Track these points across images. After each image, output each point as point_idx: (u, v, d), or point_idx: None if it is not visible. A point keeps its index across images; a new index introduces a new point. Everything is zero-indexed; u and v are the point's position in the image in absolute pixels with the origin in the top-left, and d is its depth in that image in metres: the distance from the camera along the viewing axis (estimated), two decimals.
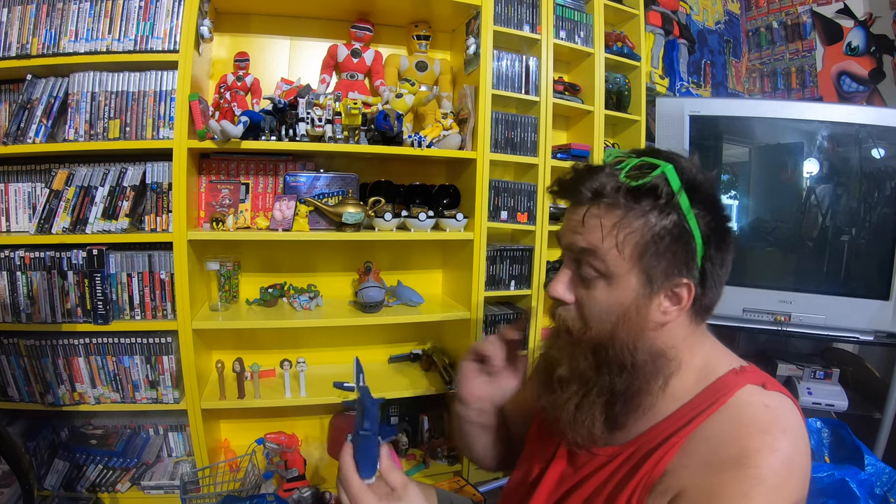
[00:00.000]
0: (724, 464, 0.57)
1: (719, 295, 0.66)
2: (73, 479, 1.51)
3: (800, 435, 0.60)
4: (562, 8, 1.86)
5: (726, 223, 0.64)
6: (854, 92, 2.23)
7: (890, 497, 1.24)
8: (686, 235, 0.61)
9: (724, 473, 0.57)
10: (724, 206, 0.65)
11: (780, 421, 0.60)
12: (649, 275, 0.61)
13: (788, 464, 0.57)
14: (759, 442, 0.58)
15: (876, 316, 1.58)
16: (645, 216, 0.61)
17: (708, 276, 0.63)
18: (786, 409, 0.62)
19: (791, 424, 0.60)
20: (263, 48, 1.76)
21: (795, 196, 1.73)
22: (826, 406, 1.65)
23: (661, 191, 0.60)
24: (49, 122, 1.46)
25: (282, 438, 1.65)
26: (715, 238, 0.62)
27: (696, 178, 0.62)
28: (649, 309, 0.62)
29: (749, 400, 0.61)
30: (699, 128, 1.70)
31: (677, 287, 0.62)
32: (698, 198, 0.61)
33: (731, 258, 0.65)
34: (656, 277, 0.61)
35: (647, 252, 0.61)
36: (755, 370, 0.67)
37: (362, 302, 1.66)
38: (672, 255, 0.61)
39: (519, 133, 1.79)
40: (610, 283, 0.63)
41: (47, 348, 1.46)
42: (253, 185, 1.70)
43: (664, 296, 0.63)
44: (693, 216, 0.60)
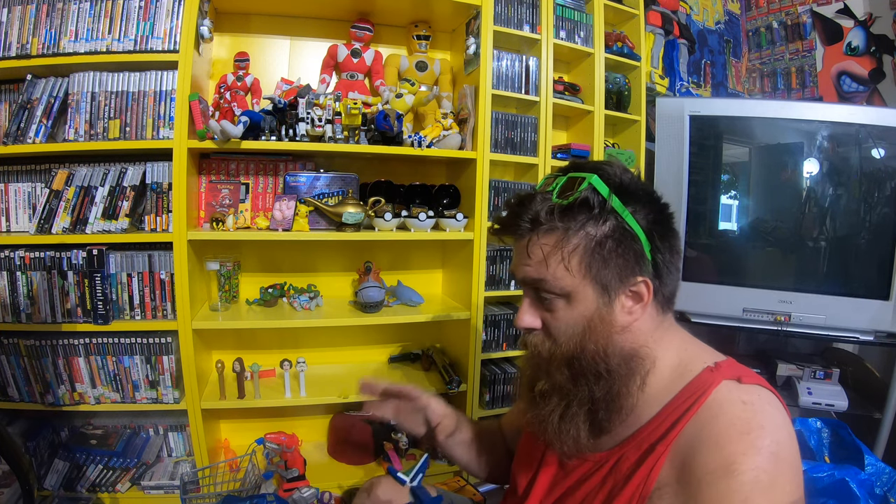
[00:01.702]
0: (715, 474, 0.58)
1: (677, 281, 0.68)
2: (73, 479, 1.51)
3: (780, 425, 0.61)
4: (562, 8, 1.86)
5: (664, 211, 0.67)
6: (854, 92, 2.23)
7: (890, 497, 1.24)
8: (628, 236, 0.63)
9: (719, 484, 0.57)
10: (656, 196, 0.67)
11: (757, 416, 0.60)
12: (603, 283, 0.64)
13: (775, 459, 0.58)
14: (742, 444, 0.58)
15: (876, 316, 1.58)
16: (583, 229, 0.63)
17: (661, 267, 0.65)
18: (763, 401, 0.62)
19: (769, 417, 0.61)
20: (263, 48, 1.76)
21: (795, 196, 1.73)
22: (826, 406, 1.65)
23: (592, 201, 0.63)
24: (49, 122, 1.46)
25: (282, 438, 1.65)
26: (657, 229, 0.64)
27: (623, 179, 0.64)
28: (612, 314, 0.65)
29: (726, 398, 0.62)
30: (699, 128, 1.70)
31: (635, 286, 0.64)
32: (630, 197, 0.63)
33: (679, 242, 0.67)
34: (611, 283, 0.64)
35: (595, 262, 0.63)
36: (730, 364, 0.67)
37: (362, 302, 1.66)
38: (620, 258, 0.63)
39: (519, 133, 1.79)
40: (569, 301, 0.65)
41: (47, 348, 1.46)
42: (253, 185, 1.70)
43: (625, 297, 0.65)
44: (630, 215, 0.63)
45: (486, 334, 1.77)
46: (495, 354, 1.81)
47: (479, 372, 1.76)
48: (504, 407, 1.81)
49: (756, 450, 0.58)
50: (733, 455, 0.58)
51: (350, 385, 1.68)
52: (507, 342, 1.82)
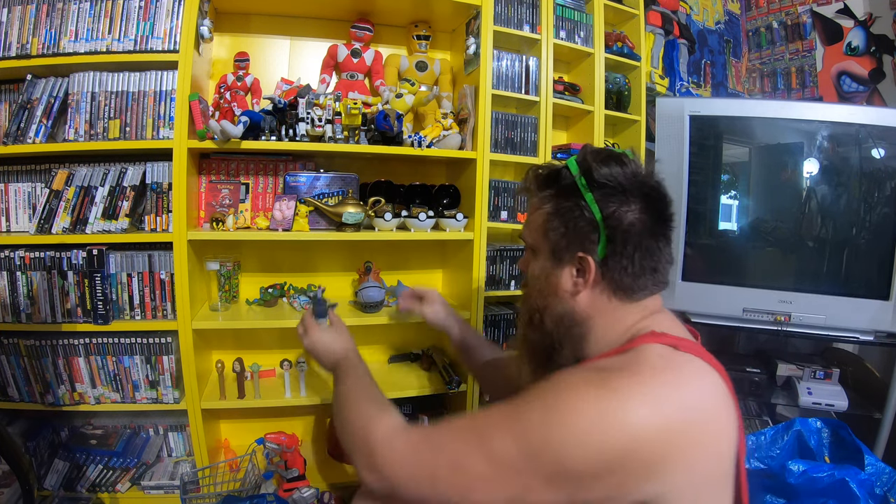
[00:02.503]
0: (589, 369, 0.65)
1: (637, 278, 0.70)
2: (73, 479, 1.51)
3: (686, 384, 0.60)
4: (562, 8, 1.86)
5: (647, 212, 0.70)
6: (854, 92, 2.23)
7: (890, 497, 1.24)
8: (584, 215, 0.70)
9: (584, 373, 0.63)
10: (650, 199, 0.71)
11: (658, 363, 0.62)
12: (554, 248, 0.73)
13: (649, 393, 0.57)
14: (624, 365, 0.62)
15: (876, 316, 1.58)
16: (551, 199, 0.74)
17: (613, 256, 0.69)
18: (687, 366, 0.63)
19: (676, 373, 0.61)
20: (263, 48, 1.76)
21: (795, 196, 1.73)
22: (826, 406, 1.65)
23: (562, 177, 0.74)
24: (49, 122, 1.46)
25: (282, 438, 1.65)
26: (622, 223, 0.69)
27: (599, 170, 0.70)
28: (559, 277, 0.73)
29: (646, 348, 0.65)
30: (699, 128, 1.70)
31: (580, 261, 0.71)
32: (602, 187, 0.70)
33: (654, 245, 0.71)
34: (560, 250, 0.73)
35: (552, 227, 0.73)
36: (678, 338, 0.67)
37: (362, 302, 1.66)
38: (571, 232, 0.71)
39: (519, 133, 1.79)
40: (534, 255, 0.78)
41: (47, 348, 1.46)
42: (253, 185, 1.70)
43: (575, 269, 0.72)
44: (592, 199, 0.70)
45: (486, 334, 1.77)
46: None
47: None
48: None
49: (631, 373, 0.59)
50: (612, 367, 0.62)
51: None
52: (508, 342, 1.82)
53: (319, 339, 1.03)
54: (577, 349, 0.73)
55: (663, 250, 0.71)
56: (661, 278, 0.72)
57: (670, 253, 0.73)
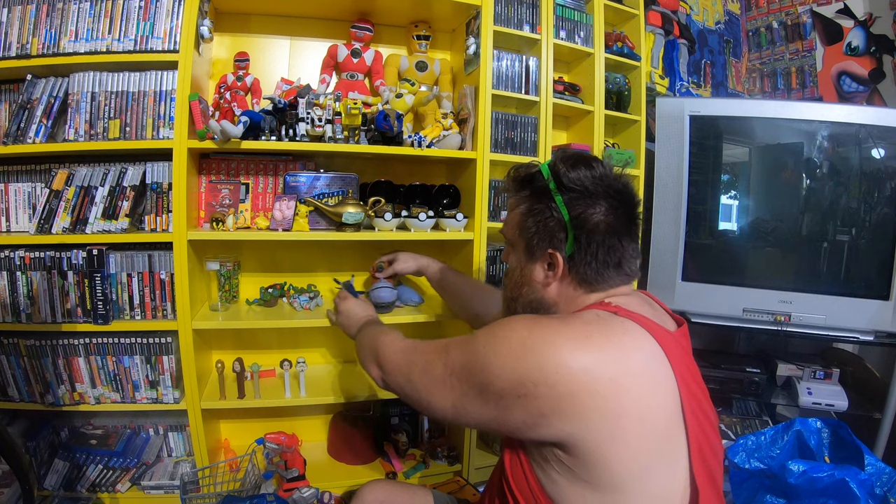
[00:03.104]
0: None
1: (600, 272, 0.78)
2: (73, 479, 1.51)
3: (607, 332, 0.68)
4: (562, 8, 1.86)
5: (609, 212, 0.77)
6: (854, 92, 2.23)
7: (890, 497, 1.24)
8: (553, 216, 0.79)
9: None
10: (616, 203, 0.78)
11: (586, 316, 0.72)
12: (528, 244, 0.82)
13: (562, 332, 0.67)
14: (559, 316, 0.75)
15: (876, 316, 1.58)
16: (526, 199, 0.83)
17: (579, 252, 0.78)
18: (615, 321, 0.70)
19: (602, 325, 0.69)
20: (263, 48, 1.76)
21: (795, 196, 1.73)
22: (826, 406, 1.66)
23: (535, 180, 0.83)
24: (49, 122, 1.46)
25: (282, 438, 1.65)
26: (588, 224, 0.77)
27: (568, 175, 0.78)
28: (532, 270, 0.83)
29: (588, 311, 0.75)
30: (699, 128, 1.70)
31: (551, 256, 0.80)
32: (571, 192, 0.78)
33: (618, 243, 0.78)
34: (533, 246, 0.82)
35: (525, 224, 0.82)
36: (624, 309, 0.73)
37: (373, 302, 1.66)
38: (542, 230, 0.80)
39: (519, 133, 1.79)
40: (513, 249, 0.87)
41: (47, 348, 1.46)
42: (253, 185, 1.70)
43: (547, 263, 0.81)
44: (561, 202, 0.78)
45: None
46: None
47: None
48: None
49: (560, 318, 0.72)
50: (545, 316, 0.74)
51: (350, 385, 1.68)
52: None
53: (352, 307, 1.22)
54: None
55: (627, 247, 0.79)
56: (627, 270, 0.80)
57: (636, 248, 0.81)
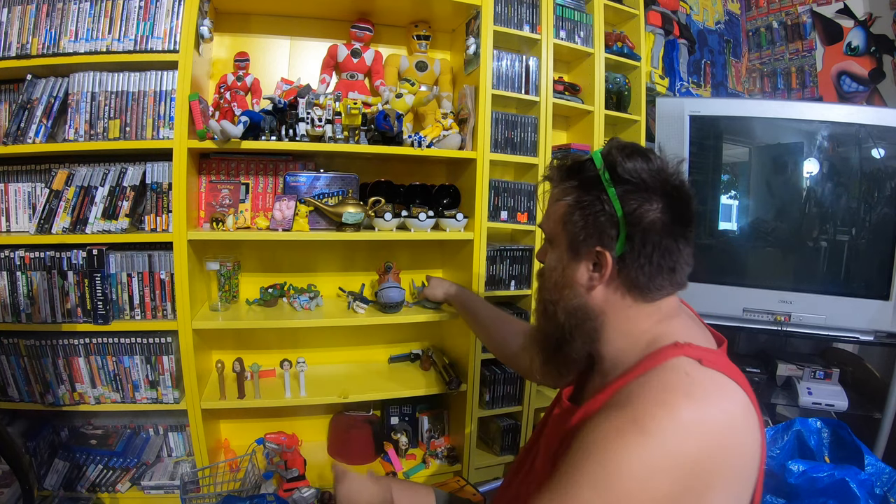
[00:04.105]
0: (612, 408, 0.61)
1: (653, 278, 0.69)
2: (73, 479, 1.51)
3: (718, 410, 0.59)
4: (562, 8, 1.86)
5: (666, 209, 0.68)
6: (854, 92, 2.23)
7: (890, 497, 1.24)
8: (605, 210, 0.69)
9: (607, 412, 0.61)
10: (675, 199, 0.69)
11: (691, 387, 0.60)
12: (572, 240, 0.72)
13: (681, 427, 0.56)
14: (654, 396, 0.59)
15: (876, 316, 1.58)
16: (573, 190, 0.73)
17: (631, 253, 0.69)
18: (712, 384, 0.61)
19: (705, 396, 0.59)
20: (263, 48, 1.76)
21: (795, 196, 1.73)
22: (826, 406, 1.65)
23: (585, 170, 0.72)
24: (49, 122, 1.46)
25: (282, 438, 1.65)
26: (643, 221, 0.68)
27: (624, 165, 0.69)
28: (575, 271, 0.73)
29: (674, 367, 0.63)
30: (699, 128, 1.70)
31: (598, 255, 0.70)
32: (625, 181, 0.68)
33: (674, 245, 0.69)
34: (578, 243, 0.72)
35: (571, 220, 0.72)
36: (701, 349, 0.66)
37: (382, 302, 1.66)
38: (591, 226, 0.70)
39: (519, 133, 1.79)
40: (552, 246, 0.78)
41: (47, 348, 1.46)
42: (253, 185, 1.70)
43: (591, 263, 0.71)
44: (614, 195, 0.68)
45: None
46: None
47: (479, 372, 1.76)
48: (504, 407, 1.81)
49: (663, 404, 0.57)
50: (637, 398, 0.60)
51: (350, 385, 1.68)
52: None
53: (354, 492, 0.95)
54: (588, 343, 0.73)
55: (682, 251, 0.70)
56: (679, 279, 0.71)
57: (690, 254, 0.71)
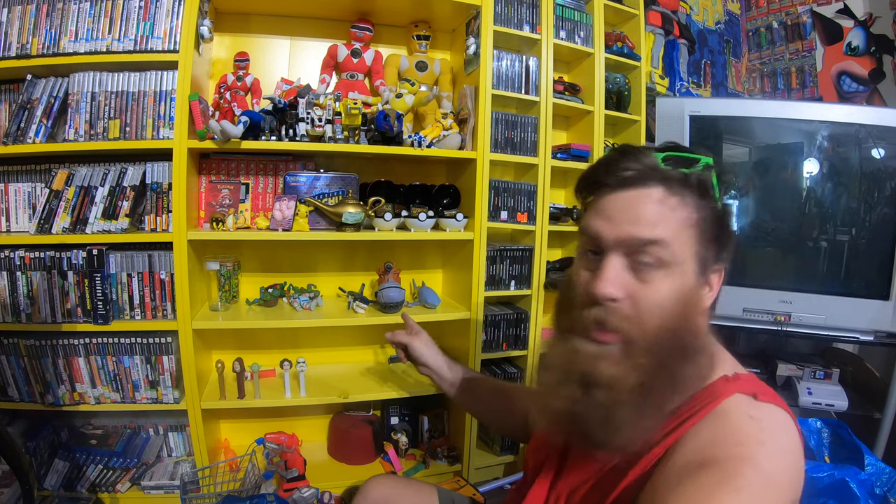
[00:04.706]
0: (690, 467, 0.56)
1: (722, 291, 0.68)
2: (73, 479, 1.51)
3: (784, 449, 0.57)
4: (562, 8, 1.86)
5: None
6: (854, 92, 2.23)
7: (890, 497, 1.24)
8: (726, 225, 0.66)
9: (690, 473, 0.55)
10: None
11: (761, 434, 0.57)
12: (702, 262, 0.64)
13: (764, 477, 0.54)
14: (732, 451, 0.55)
15: (876, 316, 1.58)
16: (704, 206, 0.64)
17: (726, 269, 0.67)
18: (774, 422, 0.59)
19: (775, 438, 0.57)
20: (263, 48, 1.76)
21: (795, 196, 1.73)
22: (826, 406, 1.65)
23: (708, 181, 0.64)
24: (49, 122, 1.46)
25: (282, 438, 1.65)
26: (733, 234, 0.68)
27: (729, 175, 0.68)
28: (701, 295, 0.65)
29: (734, 409, 0.60)
30: (699, 128, 1.70)
31: (714, 274, 0.66)
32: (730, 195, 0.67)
33: None
34: (707, 265, 0.64)
35: (702, 238, 0.63)
36: (750, 379, 0.64)
37: (382, 302, 1.66)
38: (716, 243, 0.65)
39: (519, 133, 1.79)
40: (671, 272, 0.61)
41: (47, 348, 1.46)
42: (253, 185, 1.70)
43: (707, 281, 0.66)
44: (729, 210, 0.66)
45: (486, 334, 1.77)
46: (495, 354, 1.81)
47: (480, 372, 1.76)
48: None
49: (744, 459, 0.54)
50: (718, 457, 0.55)
51: (350, 385, 1.68)
52: (507, 342, 1.82)
53: None
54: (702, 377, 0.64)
55: None
56: None
57: None
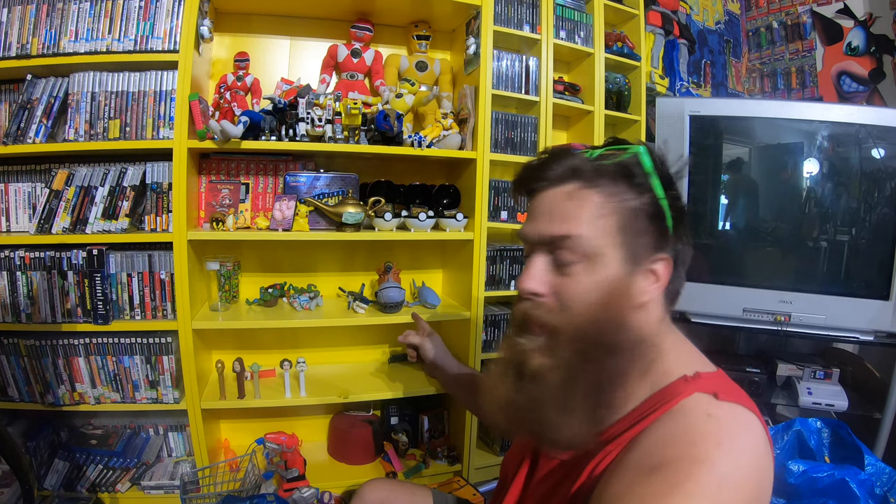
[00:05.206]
0: (641, 469, 0.53)
1: (684, 283, 0.67)
2: (73, 479, 1.51)
3: (744, 449, 0.54)
4: (562, 8, 1.86)
5: (686, 212, 0.66)
6: (854, 92, 2.23)
7: (890, 497, 1.24)
8: (660, 214, 0.62)
9: (639, 476, 0.53)
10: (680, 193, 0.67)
11: (719, 433, 0.54)
12: (631, 251, 0.62)
13: (718, 478, 0.51)
14: (684, 451, 0.53)
15: (876, 316, 1.58)
16: (623, 194, 0.62)
17: (678, 259, 0.65)
18: (735, 422, 0.57)
19: (732, 437, 0.54)
20: (263, 48, 1.76)
21: (795, 196, 1.73)
22: (826, 406, 1.65)
23: (635, 170, 0.63)
24: (49, 122, 1.46)
25: (282, 438, 1.65)
26: (682, 222, 0.64)
27: (665, 162, 0.65)
28: (632, 288, 0.62)
29: (692, 408, 0.57)
30: (699, 128, 1.70)
31: (655, 263, 0.63)
32: (667, 182, 0.64)
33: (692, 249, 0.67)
34: (637, 254, 0.62)
35: (628, 229, 0.62)
36: (712, 377, 0.62)
37: (382, 302, 1.66)
38: (649, 233, 0.62)
39: (519, 133, 1.79)
40: (593, 265, 0.61)
41: (47, 348, 1.46)
42: (253, 185, 1.70)
43: (645, 273, 0.63)
44: (664, 196, 0.63)
45: (486, 334, 1.77)
46: (495, 354, 1.81)
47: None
48: None
49: (697, 461, 0.52)
50: (669, 458, 0.53)
51: (350, 385, 1.68)
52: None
53: None
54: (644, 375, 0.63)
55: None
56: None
57: None
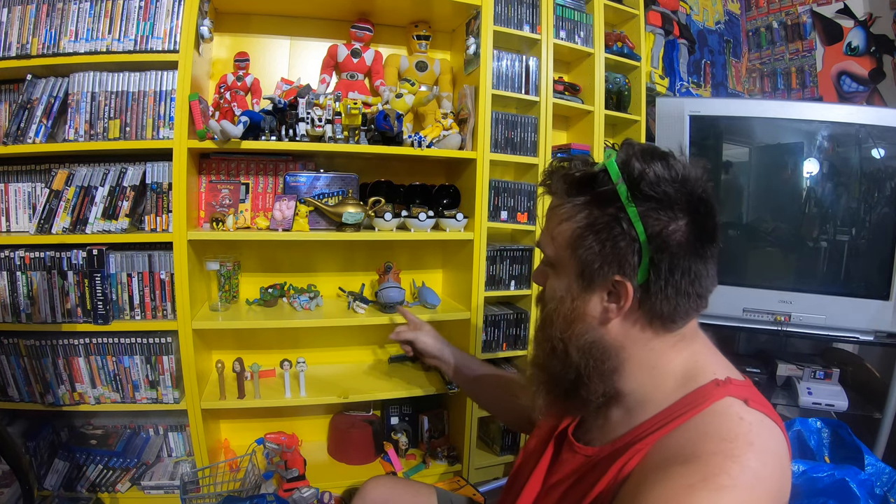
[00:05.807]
0: (674, 462, 0.54)
1: (679, 305, 0.61)
2: (73, 479, 1.52)
3: (772, 454, 0.55)
4: (562, 8, 1.85)
5: (692, 228, 0.59)
6: (854, 92, 2.23)
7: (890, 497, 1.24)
8: (624, 232, 0.59)
9: (671, 468, 0.54)
10: (701, 213, 0.60)
11: (749, 435, 0.55)
12: (584, 267, 0.62)
13: (751, 476, 0.52)
14: (718, 447, 0.54)
15: (876, 316, 1.58)
16: (584, 207, 0.62)
17: (656, 281, 0.60)
18: (763, 427, 0.57)
19: (762, 441, 0.55)
20: (263, 48, 1.76)
21: (795, 196, 1.73)
22: (826, 406, 1.65)
23: (598, 182, 0.61)
24: (49, 122, 1.46)
25: (282, 438, 1.65)
26: (670, 240, 0.59)
27: (645, 175, 0.59)
28: (587, 302, 0.63)
29: (724, 410, 0.58)
30: (699, 128, 1.70)
31: (616, 286, 0.61)
32: (648, 196, 0.59)
33: (703, 268, 0.61)
34: (592, 271, 0.61)
35: (582, 242, 0.61)
36: (742, 385, 0.62)
37: (382, 302, 1.66)
38: (608, 252, 0.60)
39: (519, 133, 1.79)
40: (556, 272, 0.67)
41: (47, 348, 1.46)
42: (253, 185, 1.70)
43: (607, 292, 0.62)
44: (635, 212, 0.58)
45: (486, 334, 1.77)
46: (495, 354, 1.81)
47: None
48: None
49: (731, 456, 0.53)
50: (703, 452, 0.54)
51: (350, 385, 1.68)
52: (507, 342, 1.82)
53: None
54: (607, 383, 0.65)
55: (710, 273, 0.62)
56: (705, 303, 0.64)
57: (716, 273, 0.63)
